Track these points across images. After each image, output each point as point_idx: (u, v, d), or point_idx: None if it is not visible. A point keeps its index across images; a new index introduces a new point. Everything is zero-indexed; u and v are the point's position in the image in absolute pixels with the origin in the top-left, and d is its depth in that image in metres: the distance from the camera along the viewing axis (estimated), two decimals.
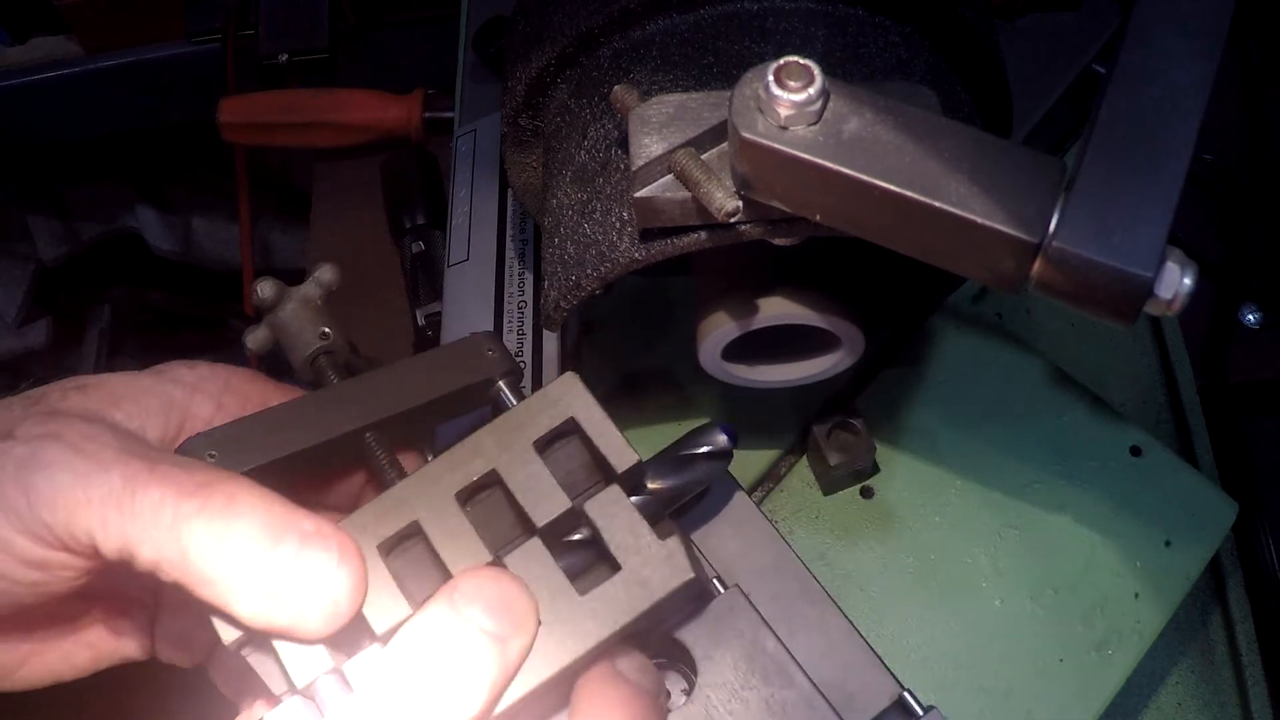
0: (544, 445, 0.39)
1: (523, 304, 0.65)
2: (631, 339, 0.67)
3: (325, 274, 0.48)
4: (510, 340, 0.64)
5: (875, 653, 0.41)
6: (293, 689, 0.35)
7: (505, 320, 0.65)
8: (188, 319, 1.38)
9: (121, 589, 0.42)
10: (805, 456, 0.63)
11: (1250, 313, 0.84)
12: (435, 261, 0.88)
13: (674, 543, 0.37)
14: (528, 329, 0.64)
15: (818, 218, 0.39)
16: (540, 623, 0.36)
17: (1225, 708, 0.65)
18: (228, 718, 0.40)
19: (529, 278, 0.66)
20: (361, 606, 0.35)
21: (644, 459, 0.39)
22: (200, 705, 0.43)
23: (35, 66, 1.13)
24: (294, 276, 0.49)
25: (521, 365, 0.63)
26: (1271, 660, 0.66)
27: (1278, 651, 0.66)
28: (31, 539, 0.34)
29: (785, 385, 0.54)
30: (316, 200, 1.00)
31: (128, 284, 1.37)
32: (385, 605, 0.36)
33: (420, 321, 0.85)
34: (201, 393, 0.40)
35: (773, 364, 0.54)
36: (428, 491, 0.38)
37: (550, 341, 0.63)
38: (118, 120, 1.17)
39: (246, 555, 0.33)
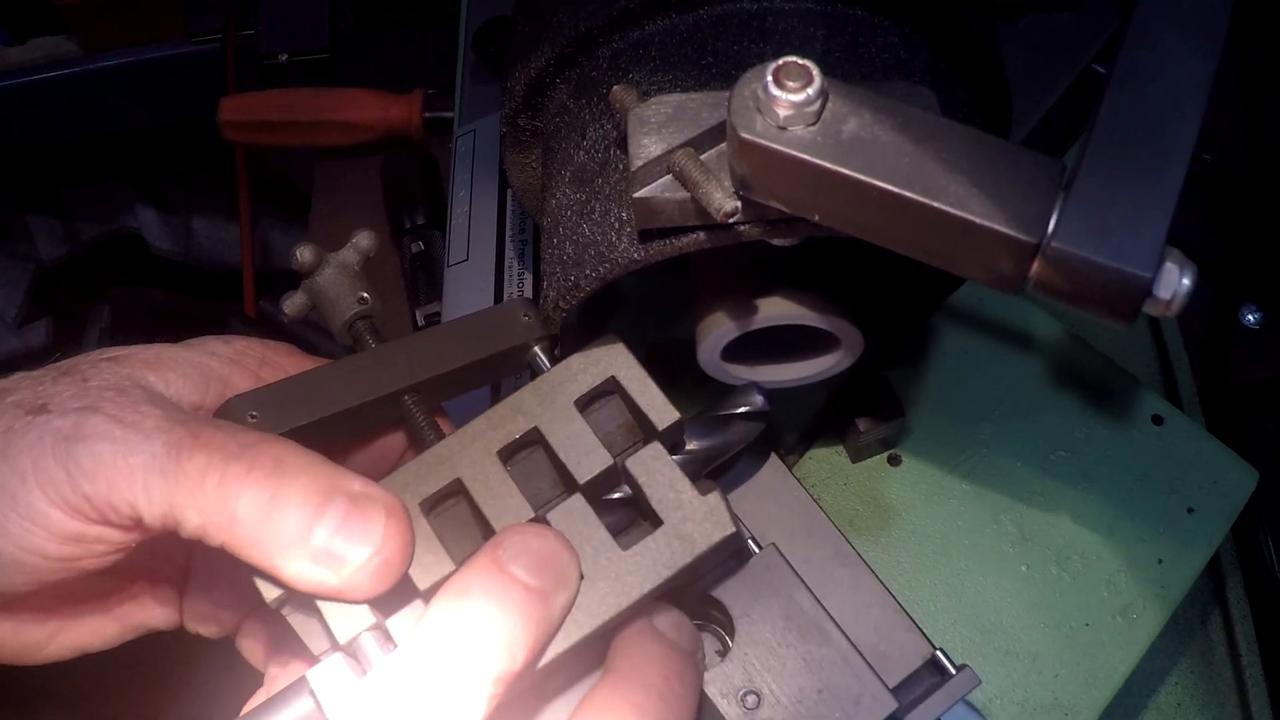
0: (585, 404, 0.39)
1: None
2: (632, 337, 0.67)
3: (363, 240, 0.48)
4: None
5: (907, 613, 0.41)
6: (335, 646, 0.35)
7: None
8: (188, 319, 1.38)
9: (151, 564, 0.42)
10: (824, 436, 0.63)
11: (1250, 313, 0.84)
12: (435, 261, 0.88)
13: (715, 498, 0.37)
14: None
15: (817, 218, 0.39)
16: (583, 577, 0.36)
17: (1225, 708, 0.65)
18: (253, 689, 0.40)
19: (528, 278, 0.66)
20: (409, 565, 0.35)
21: (684, 418, 0.39)
22: (226, 678, 0.43)
23: (35, 66, 1.13)
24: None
25: None
26: (1271, 660, 0.66)
27: (1278, 651, 0.66)
28: (68, 512, 0.33)
29: (785, 385, 0.54)
30: (316, 200, 1.00)
31: (128, 284, 1.37)
32: (428, 562, 0.36)
33: (420, 321, 0.85)
34: (240, 366, 0.40)
35: (772, 364, 0.54)
36: (469, 449, 0.38)
37: None
38: (118, 120, 1.17)
39: (295, 517, 0.33)
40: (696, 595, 0.40)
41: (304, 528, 0.33)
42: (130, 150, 1.24)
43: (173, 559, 0.43)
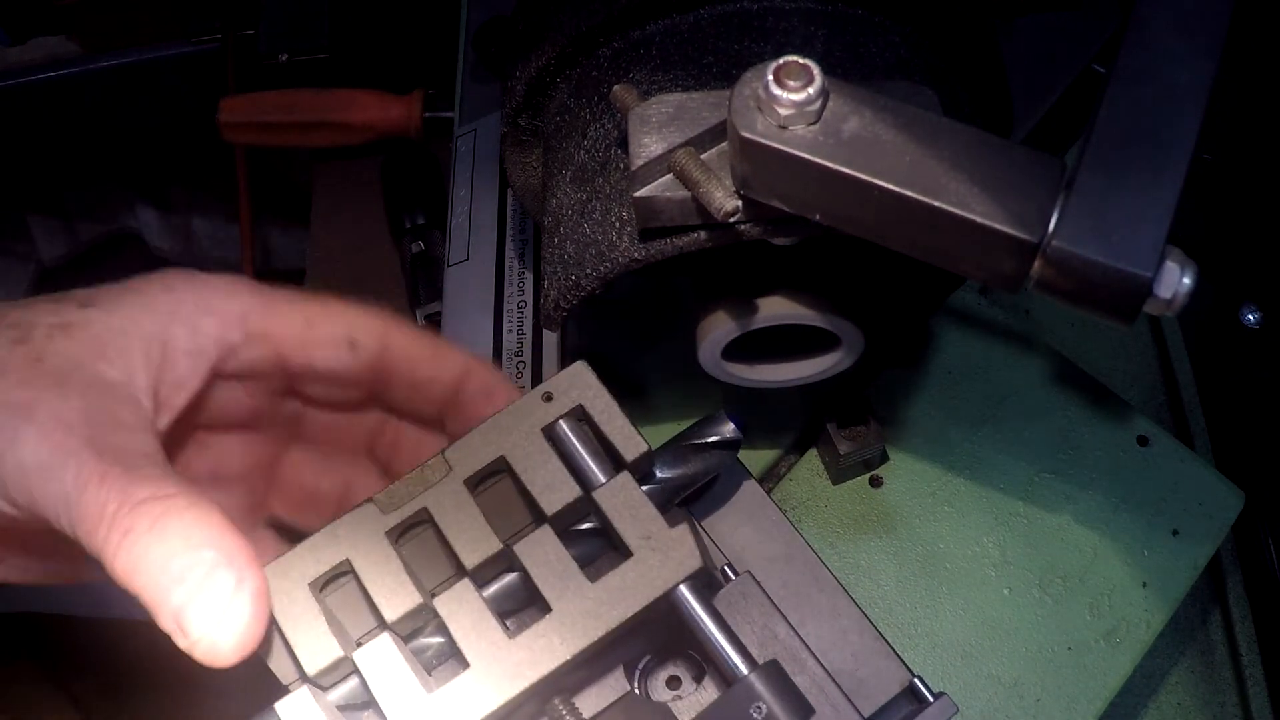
0: (552, 432, 0.39)
1: (522, 304, 0.65)
2: (632, 338, 0.67)
3: None
4: (510, 340, 0.64)
5: (885, 640, 0.41)
6: (303, 677, 0.35)
7: (505, 320, 0.65)
8: None
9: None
10: (815, 448, 0.63)
11: (1250, 313, 0.84)
12: (435, 261, 0.88)
13: (683, 530, 0.37)
14: (527, 329, 0.64)
15: (817, 217, 0.39)
16: (550, 610, 0.36)
17: (1225, 708, 0.65)
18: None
19: (529, 278, 0.66)
20: (263, 633, 0.35)
21: (653, 448, 0.39)
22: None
23: (35, 66, 1.12)
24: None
25: (521, 364, 0.63)
26: (1271, 660, 0.66)
27: (1278, 651, 0.66)
28: None
29: (785, 385, 0.54)
30: (316, 200, 1.00)
31: None
32: (395, 591, 0.36)
33: (420, 322, 0.85)
34: (178, 320, 0.42)
35: (772, 364, 0.54)
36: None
37: (550, 341, 0.63)
38: (118, 120, 1.17)
39: (157, 582, 0.34)
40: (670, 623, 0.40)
41: (164, 593, 0.34)
42: (130, 150, 1.24)
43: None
